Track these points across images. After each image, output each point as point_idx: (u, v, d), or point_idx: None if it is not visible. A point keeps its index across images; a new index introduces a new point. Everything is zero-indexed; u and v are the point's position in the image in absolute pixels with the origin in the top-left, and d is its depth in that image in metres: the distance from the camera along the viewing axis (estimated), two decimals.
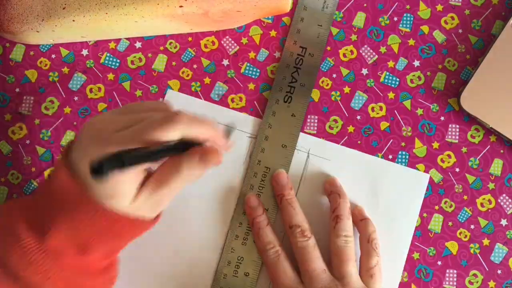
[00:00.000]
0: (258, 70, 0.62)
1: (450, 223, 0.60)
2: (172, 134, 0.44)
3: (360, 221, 0.58)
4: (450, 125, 0.61)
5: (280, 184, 0.59)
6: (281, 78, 0.61)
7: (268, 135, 0.60)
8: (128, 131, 0.45)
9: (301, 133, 0.60)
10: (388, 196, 0.60)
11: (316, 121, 0.61)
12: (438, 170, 0.60)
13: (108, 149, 0.43)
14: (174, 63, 0.62)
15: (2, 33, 0.59)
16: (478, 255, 0.60)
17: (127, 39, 0.62)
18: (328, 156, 0.60)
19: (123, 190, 0.45)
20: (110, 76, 0.61)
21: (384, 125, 0.61)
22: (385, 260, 0.58)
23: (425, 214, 0.60)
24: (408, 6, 0.63)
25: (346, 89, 0.62)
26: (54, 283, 0.46)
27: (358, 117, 0.61)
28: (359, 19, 0.62)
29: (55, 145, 0.60)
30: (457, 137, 0.61)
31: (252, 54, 0.62)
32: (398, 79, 0.62)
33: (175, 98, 0.61)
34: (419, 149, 0.61)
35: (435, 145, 0.61)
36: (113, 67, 0.62)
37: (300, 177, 0.60)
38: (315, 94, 0.61)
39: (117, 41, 0.62)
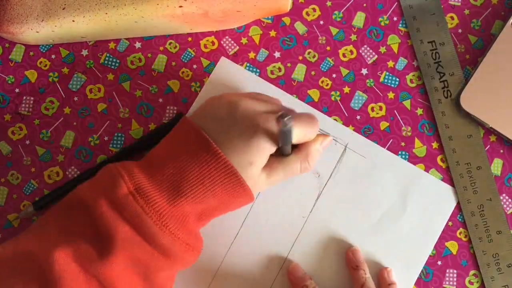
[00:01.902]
0: (258, 70, 0.62)
1: (450, 223, 0.60)
2: (311, 135, 0.56)
3: (388, 285, 0.58)
4: None
5: (298, 276, 0.58)
6: (430, 79, 0.61)
7: (450, 134, 0.60)
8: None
9: (342, 125, 0.61)
10: (416, 206, 0.59)
11: None
12: (438, 170, 0.60)
13: (271, 121, 0.52)
14: (174, 63, 0.62)
15: (2, 34, 0.59)
16: None
17: (126, 39, 0.62)
18: (365, 154, 0.60)
19: (261, 159, 0.52)
20: (110, 76, 0.61)
21: (384, 125, 0.61)
22: (399, 268, 0.58)
23: None
24: None
25: (346, 89, 0.62)
26: (181, 244, 0.50)
27: (358, 117, 0.61)
28: (359, 19, 0.62)
29: (55, 145, 0.60)
30: None
31: (252, 54, 0.62)
32: (398, 79, 0.62)
33: (226, 67, 0.61)
34: (419, 149, 0.61)
35: (435, 145, 0.61)
36: (112, 67, 0.62)
37: (332, 169, 0.60)
38: (315, 94, 0.61)
39: (117, 41, 0.62)
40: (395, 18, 0.62)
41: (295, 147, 0.56)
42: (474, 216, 0.59)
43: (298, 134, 0.54)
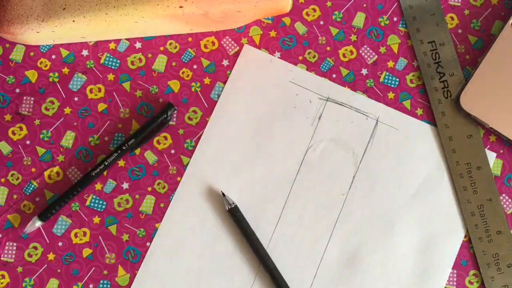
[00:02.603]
0: None
1: None
2: None
3: None
4: None
5: None
6: (430, 79, 0.61)
7: (450, 134, 0.60)
8: None
9: (373, 100, 0.61)
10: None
11: None
12: None
13: None
14: (174, 64, 0.62)
15: (2, 34, 0.59)
16: None
17: (127, 39, 0.62)
18: (397, 125, 0.60)
19: None
20: (110, 76, 0.61)
21: None
22: (442, 236, 0.59)
23: None
24: None
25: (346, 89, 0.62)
26: None
27: None
28: (359, 19, 0.62)
29: (55, 146, 0.60)
30: None
31: None
32: (398, 79, 0.62)
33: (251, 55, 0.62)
34: None
35: None
36: (113, 67, 0.62)
37: (366, 143, 0.60)
38: None
39: (117, 41, 0.62)
40: (395, 18, 0.62)
41: None
42: (474, 216, 0.59)
43: None
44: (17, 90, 0.61)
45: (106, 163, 0.59)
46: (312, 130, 0.60)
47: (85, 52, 0.62)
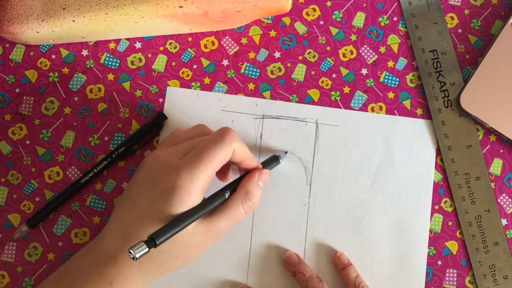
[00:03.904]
0: (258, 70, 0.62)
1: (450, 223, 0.60)
2: (228, 148, 0.51)
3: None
4: None
5: (293, 264, 0.58)
6: (431, 89, 0.61)
7: (450, 144, 0.60)
8: (190, 155, 0.51)
9: (306, 105, 0.61)
10: (402, 149, 0.60)
11: None
12: (438, 170, 0.60)
13: (182, 171, 0.50)
14: (174, 63, 0.62)
15: (2, 34, 0.59)
16: None
17: (127, 39, 0.62)
18: (337, 122, 0.61)
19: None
20: (110, 76, 0.61)
21: None
22: (410, 213, 0.59)
23: None
24: None
25: (346, 89, 0.62)
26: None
27: None
28: (359, 19, 0.62)
29: (55, 146, 0.60)
30: None
31: (252, 54, 0.62)
32: (397, 79, 0.62)
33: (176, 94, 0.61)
34: None
35: (435, 145, 0.61)
36: (113, 67, 0.62)
37: (313, 148, 0.60)
38: (315, 94, 0.61)
39: (117, 41, 0.62)
40: (395, 18, 0.62)
41: (232, 190, 0.54)
42: (471, 227, 0.59)
43: (239, 149, 0.52)
44: (17, 90, 0.61)
45: (96, 171, 0.59)
46: (257, 150, 0.60)
47: (85, 52, 0.62)
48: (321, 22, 0.62)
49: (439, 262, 0.60)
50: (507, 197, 0.60)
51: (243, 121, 0.61)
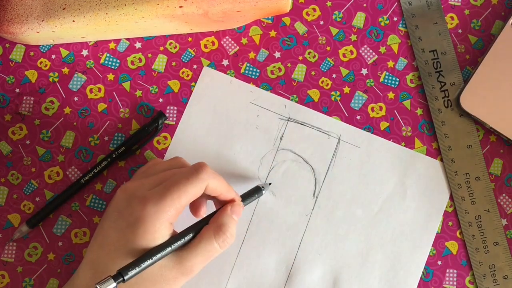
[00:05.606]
0: (258, 70, 0.62)
1: (450, 223, 0.60)
2: (200, 184, 0.50)
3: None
4: None
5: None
6: (431, 88, 0.61)
7: (450, 144, 0.60)
8: (160, 187, 0.50)
9: (332, 118, 0.61)
10: (416, 186, 0.60)
11: None
12: None
13: (148, 203, 0.49)
14: (174, 64, 0.62)
15: (2, 34, 0.59)
16: None
17: (127, 39, 0.62)
18: (359, 144, 0.60)
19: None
20: (110, 76, 0.61)
21: (384, 125, 0.61)
22: (408, 252, 0.59)
23: None
24: None
25: (346, 89, 0.62)
26: None
27: (358, 117, 0.61)
28: (359, 19, 0.62)
29: (55, 146, 0.60)
30: None
31: (252, 55, 0.62)
32: (398, 79, 0.62)
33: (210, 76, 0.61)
34: (419, 149, 0.61)
35: (435, 145, 0.61)
36: (113, 67, 0.62)
37: (329, 163, 0.60)
38: (315, 94, 0.61)
39: (117, 41, 0.62)
40: (395, 18, 0.62)
41: (205, 224, 0.52)
42: (471, 227, 0.59)
43: (214, 185, 0.51)
44: (17, 90, 0.61)
45: (96, 171, 0.59)
46: (274, 151, 0.60)
47: (85, 52, 0.62)
48: (321, 22, 0.62)
49: (439, 262, 0.60)
50: (507, 197, 0.60)
51: (268, 119, 0.61)
